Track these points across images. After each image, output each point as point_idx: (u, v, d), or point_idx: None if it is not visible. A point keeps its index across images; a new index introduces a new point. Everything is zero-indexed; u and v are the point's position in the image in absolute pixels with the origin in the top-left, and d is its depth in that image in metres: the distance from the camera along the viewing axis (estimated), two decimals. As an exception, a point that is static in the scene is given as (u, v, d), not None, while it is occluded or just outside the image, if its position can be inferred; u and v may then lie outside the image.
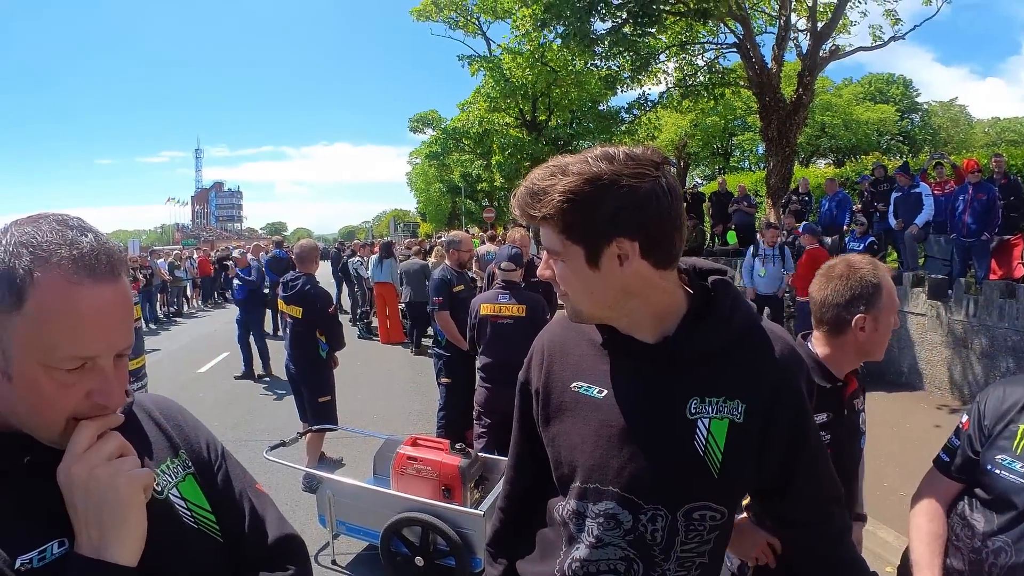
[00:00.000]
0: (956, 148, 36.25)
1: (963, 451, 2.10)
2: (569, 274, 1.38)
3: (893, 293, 2.24)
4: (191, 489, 1.24)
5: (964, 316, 9.34)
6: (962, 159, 12.41)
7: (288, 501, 5.89)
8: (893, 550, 4.64)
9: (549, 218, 1.32)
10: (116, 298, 1.02)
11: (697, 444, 1.37)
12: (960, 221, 10.08)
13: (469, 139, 31.38)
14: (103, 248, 1.01)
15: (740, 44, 14.92)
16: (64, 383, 1.00)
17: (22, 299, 0.95)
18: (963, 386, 9.37)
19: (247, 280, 11.32)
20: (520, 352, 5.71)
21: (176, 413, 1.35)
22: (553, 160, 1.36)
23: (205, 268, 24.89)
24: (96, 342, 1.00)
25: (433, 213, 62.54)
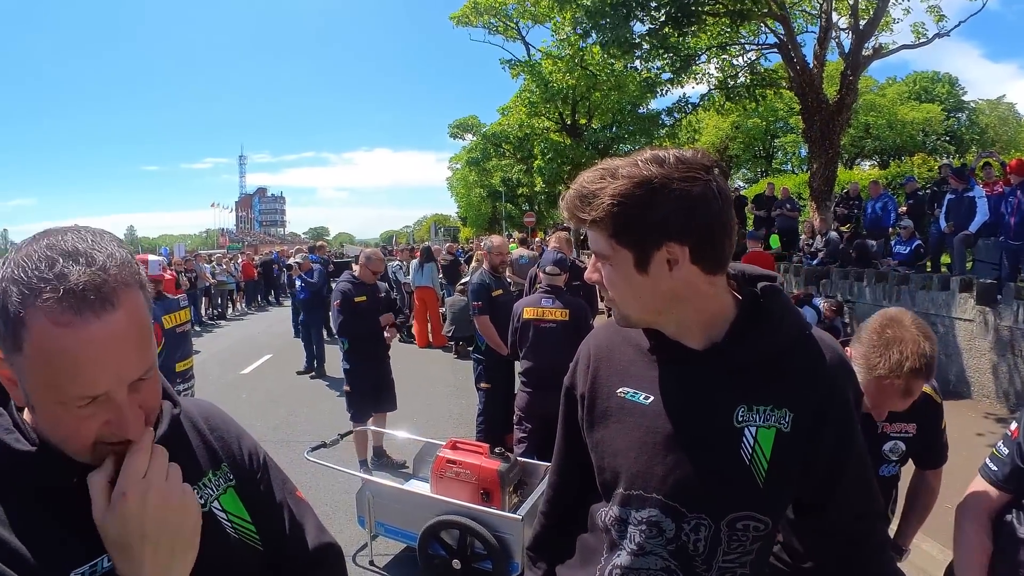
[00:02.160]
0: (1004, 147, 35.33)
1: (1011, 460, 2.00)
2: (617, 278, 1.37)
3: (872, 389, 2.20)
4: (232, 501, 1.25)
5: (1013, 321, 9.09)
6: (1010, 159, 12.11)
7: (328, 502, 5.95)
8: (937, 564, 4.50)
9: (598, 221, 1.31)
10: (114, 330, 0.95)
11: (743, 453, 1.35)
12: (1008, 224, 9.80)
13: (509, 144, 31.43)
14: (93, 279, 0.94)
15: (781, 44, 14.77)
16: (80, 416, 0.97)
17: (20, 342, 0.92)
18: (1012, 394, 9.13)
19: (309, 282, 11.91)
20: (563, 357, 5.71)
21: (220, 423, 1.34)
22: (602, 163, 1.35)
23: (249, 272, 25.26)
24: (99, 380, 0.96)
25: (474, 218, 62.80)
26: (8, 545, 0.95)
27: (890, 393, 2.18)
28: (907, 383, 2.17)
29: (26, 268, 0.93)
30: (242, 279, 25.09)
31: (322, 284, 12.13)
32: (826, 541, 1.50)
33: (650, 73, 17.99)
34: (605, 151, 24.74)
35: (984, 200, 10.68)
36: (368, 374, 6.68)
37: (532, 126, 26.98)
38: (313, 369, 11.89)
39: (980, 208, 10.68)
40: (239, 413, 8.64)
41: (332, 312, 6.79)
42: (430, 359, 13.00)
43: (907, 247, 11.25)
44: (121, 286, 0.97)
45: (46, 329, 0.91)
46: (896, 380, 2.16)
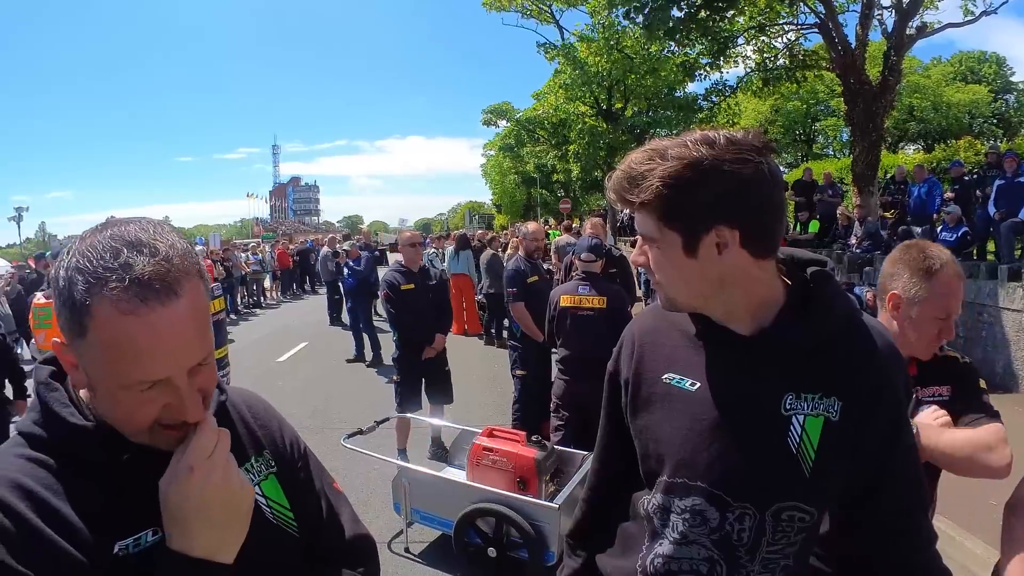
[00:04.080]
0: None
1: None
2: (664, 261, 1.34)
3: (950, 290, 2.11)
4: (272, 488, 1.28)
5: None
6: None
7: (364, 489, 5.97)
8: (982, 563, 4.40)
9: (647, 203, 1.28)
10: (177, 318, 0.99)
11: (791, 441, 1.32)
12: None
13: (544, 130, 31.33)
14: (158, 268, 0.98)
15: (821, 24, 14.45)
16: (141, 400, 1.01)
17: (84, 328, 0.97)
18: None
19: (355, 270, 12.00)
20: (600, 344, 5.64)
21: (262, 411, 1.38)
22: (650, 144, 1.33)
23: (284, 260, 25.52)
24: (161, 366, 1.00)
25: (508, 205, 62.82)
26: (60, 515, 1.00)
27: (955, 289, 2.12)
28: (958, 271, 2.15)
29: (91, 258, 0.97)
30: (277, 268, 25.32)
31: (369, 271, 12.20)
32: (873, 536, 1.43)
33: (688, 57, 17.75)
34: (641, 136, 24.55)
35: None
36: (419, 364, 6.58)
37: (567, 111, 26.71)
38: (363, 358, 11.95)
39: None
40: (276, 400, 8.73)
41: (381, 301, 6.76)
42: (466, 347, 12.96)
43: (953, 234, 10.97)
44: (183, 275, 1.01)
45: (112, 317, 0.95)
46: (952, 268, 2.13)
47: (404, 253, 6.74)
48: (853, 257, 13.11)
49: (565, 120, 27.40)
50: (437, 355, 6.70)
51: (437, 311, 6.84)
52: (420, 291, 6.58)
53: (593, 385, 5.51)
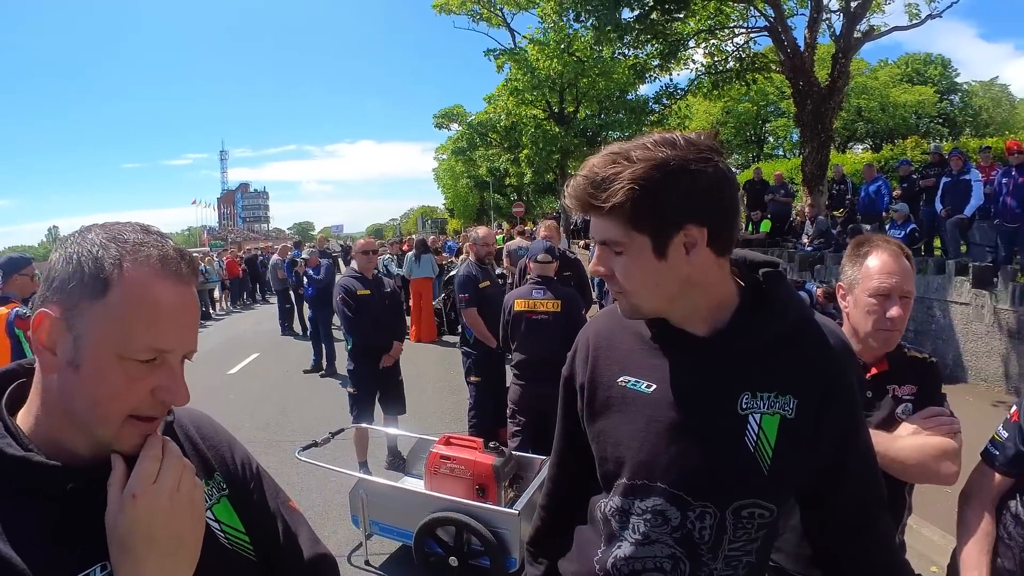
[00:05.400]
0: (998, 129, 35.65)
1: (1013, 444, 1.98)
2: (634, 267, 1.33)
3: (877, 268, 2.13)
4: (225, 511, 1.24)
5: (1010, 304, 9.15)
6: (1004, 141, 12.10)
7: (321, 502, 5.86)
8: (939, 549, 4.57)
9: (616, 208, 1.27)
10: (192, 301, 1.07)
11: (748, 440, 1.34)
12: (1004, 206, 9.81)
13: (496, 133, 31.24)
14: (186, 253, 1.06)
15: (771, 27, 14.66)
16: (134, 375, 1.01)
17: (107, 288, 0.99)
18: (1009, 377, 9.20)
19: (315, 279, 11.69)
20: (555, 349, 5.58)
21: (211, 431, 1.33)
22: (609, 148, 1.33)
23: (233, 269, 25.02)
24: (172, 336, 1.03)
25: (461, 209, 62.81)
26: (1, 557, 0.94)
27: (888, 266, 2.13)
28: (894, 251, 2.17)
29: (121, 232, 1.04)
30: (226, 277, 24.85)
31: (329, 280, 11.82)
32: (833, 531, 1.47)
33: (638, 59, 17.84)
34: (594, 139, 24.65)
35: (980, 184, 10.80)
36: (375, 375, 6.45)
37: (519, 114, 26.64)
38: (320, 368, 11.76)
39: (976, 192, 10.77)
40: (228, 414, 8.49)
41: (336, 307, 6.55)
42: (421, 353, 12.86)
43: (901, 231, 11.19)
44: (197, 270, 1.10)
45: (145, 278, 1.01)
46: (884, 247, 2.17)
47: (358, 260, 6.62)
48: (804, 255, 13.32)
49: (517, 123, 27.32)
50: (393, 365, 6.61)
51: (393, 318, 6.74)
52: (376, 297, 6.48)
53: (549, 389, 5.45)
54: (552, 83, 23.80)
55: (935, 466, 1.98)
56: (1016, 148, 10.01)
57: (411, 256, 14.88)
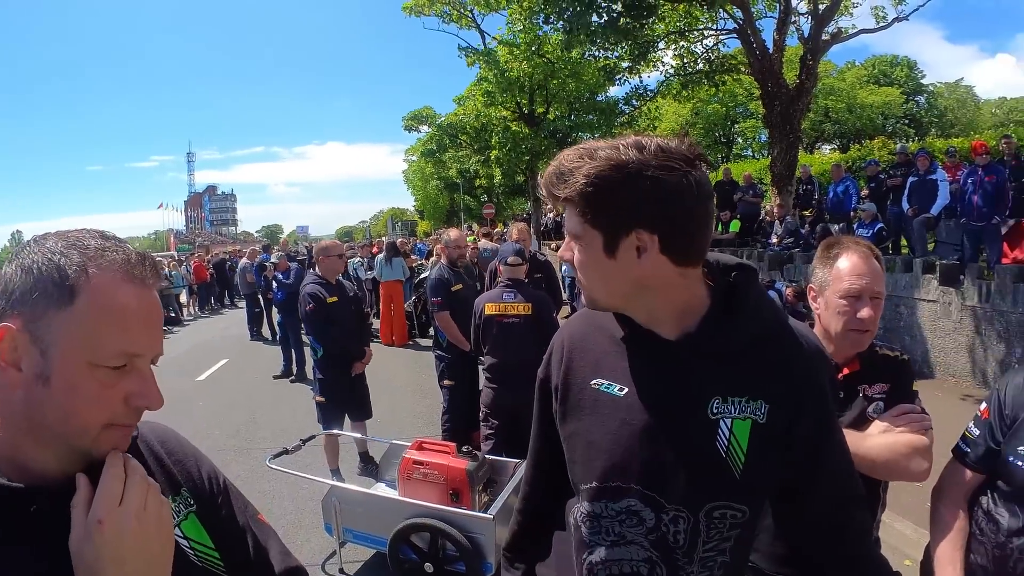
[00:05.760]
0: (963, 130, 36.30)
1: (983, 441, 2.03)
2: (586, 260, 1.36)
3: (847, 270, 2.16)
4: (193, 527, 1.21)
5: (976, 301, 9.29)
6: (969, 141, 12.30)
7: (293, 510, 5.79)
8: (911, 542, 4.64)
9: (571, 199, 1.31)
10: (157, 304, 1.06)
11: (719, 445, 1.34)
12: (970, 205, 9.97)
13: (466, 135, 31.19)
14: (147, 257, 1.05)
15: (740, 29, 14.72)
16: (106, 383, 0.99)
17: (74, 295, 0.96)
18: (976, 373, 9.36)
19: (284, 283, 11.53)
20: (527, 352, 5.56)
21: (176, 445, 1.30)
22: (585, 143, 1.35)
23: (201, 274, 24.68)
24: (143, 340, 1.02)
25: (431, 211, 62.69)
26: None
27: (858, 268, 2.15)
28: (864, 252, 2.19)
29: (81, 239, 1.02)
30: (194, 282, 24.53)
31: (298, 284, 11.68)
32: (809, 532, 1.48)
33: (608, 60, 17.87)
34: (563, 140, 24.63)
35: (946, 184, 10.97)
36: (345, 383, 6.30)
37: (489, 116, 26.52)
38: (291, 373, 11.61)
39: (942, 191, 10.93)
40: (197, 422, 8.35)
41: (303, 316, 6.30)
42: (393, 357, 12.80)
43: (869, 230, 11.32)
44: (160, 274, 1.08)
45: (110, 283, 0.99)
46: (854, 249, 2.19)
47: (325, 263, 6.34)
48: (774, 254, 13.43)
49: (487, 125, 27.26)
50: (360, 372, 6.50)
51: (360, 324, 6.66)
52: (344, 304, 6.32)
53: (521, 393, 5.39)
54: (522, 84, 23.76)
55: (905, 463, 1.99)
56: (982, 149, 10.20)
57: (381, 259, 14.80)
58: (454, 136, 32.69)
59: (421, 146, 44.06)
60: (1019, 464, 1.89)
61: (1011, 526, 1.91)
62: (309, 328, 6.29)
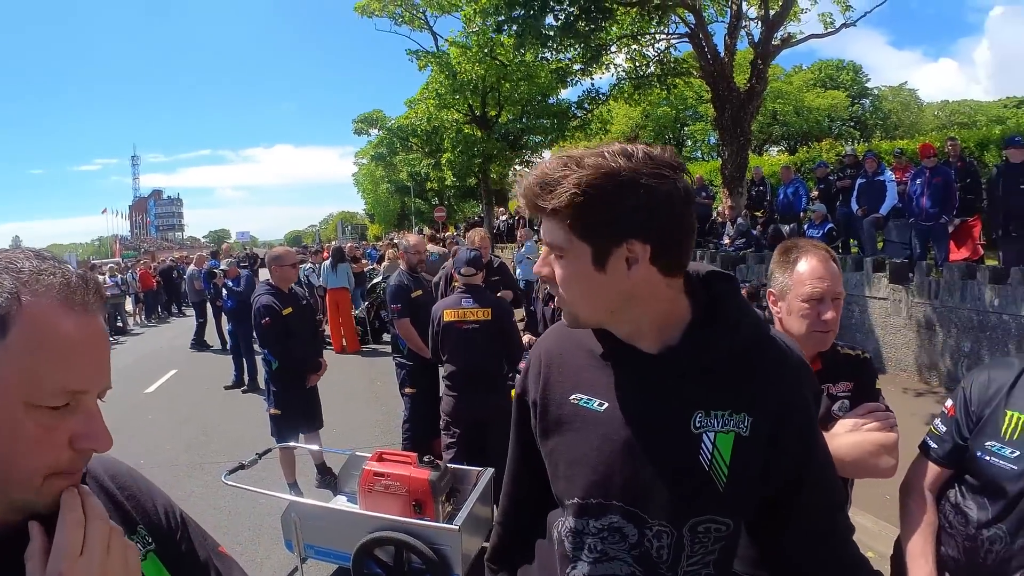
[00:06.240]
0: (907, 132, 37.30)
1: (951, 437, 2.09)
2: (571, 274, 1.30)
3: (808, 273, 2.19)
4: (153, 567, 1.11)
5: (926, 298, 9.51)
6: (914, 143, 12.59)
7: (251, 527, 5.64)
8: (873, 535, 4.66)
9: (558, 211, 1.24)
10: (102, 332, 0.95)
11: (702, 459, 1.32)
12: (918, 205, 10.23)
13: (417, 138, 31.03)
14: (90, 279, 0.93)
15: (692, 34, 14.86)
16: (48, 425, 0.88)
17: (6, 328, 0.85)
18: (927, 368, 9.60)
19: (235, 291, 11.26)
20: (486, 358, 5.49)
21: (129, 480, 1.19)
22: (566, 151, 1.29)
23: (147, 281, 24.07)
24: (86, 375, 0.91)
25: (382, 214, 62.33)
26: None
27: (817, 271, 2.18)
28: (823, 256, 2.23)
29: (13, 261, 0.90)
30: (140, 290, 23.95)
31: (249, 292, 11.37)
32: (795, 541, 1.46)
33: (561, 63, 17.90)
34: (515, 143, 24.68)
35: (894, 184, 11.27)
36: (300, 396, 6.11)
37: (441, 118, 26.41)
38: (242, 383, 11.36)
39: (890, 192, 11.22)
40: (146, 436, 8.10)
41: (257, 329, 6.05)
42: (345, 365, 12.61)
43: (819, 230, 11.53)
44: (103, 298, 0.98)
45: (47, 312, 0.87)
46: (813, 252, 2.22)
47: (279, 273, 6.13)
48: (726, 255, 13.60)
49: (439, 128, 27.13)
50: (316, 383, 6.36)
51: (316, 334, 6.50)
52: (299, 314, 6.11)
53: (482, 400, 5.32)
54: (474, 86, 23.69)
55: (874, 461, 2.02)
56: (930, 151, 10.47)
57: (327, 266, 14.62)
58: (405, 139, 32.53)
59: (371, 149, 43.85)
60: (987, 459, 1.95)
61: (980, 518, 1.96)
62: (263, 341, 6.07)
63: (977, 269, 9.04)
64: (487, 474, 4.61)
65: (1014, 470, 1.88)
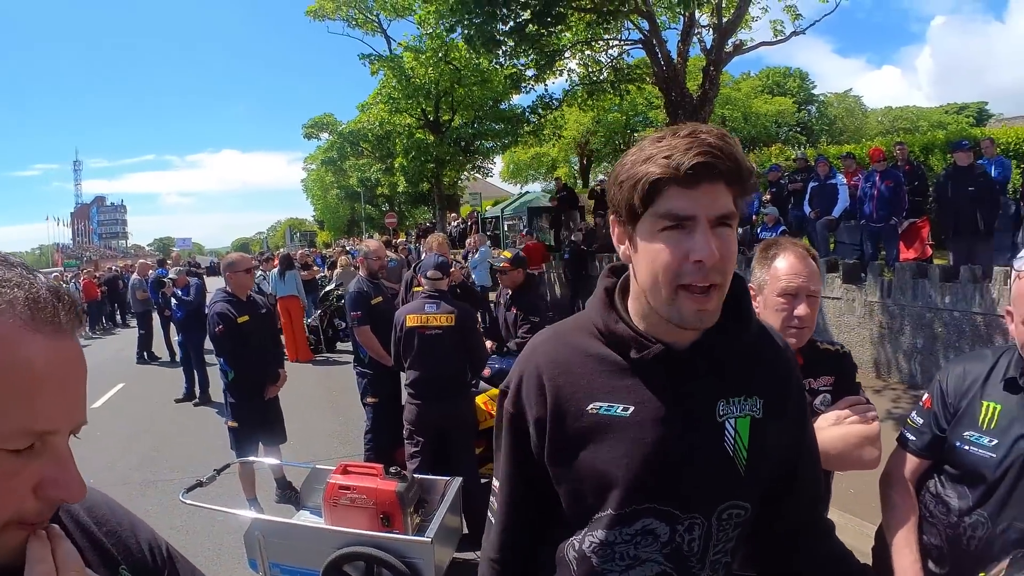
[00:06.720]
0: (852, 137, 38.32)
1: (929, 429, 2.17)
2: (733, 249, 1.30)
3: (784, 269, 2.23)
4: None
5: (879, 297, 9.76)
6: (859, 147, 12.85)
7: (211, 546, 5.47)
8: (839, 528, 4.63)
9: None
10: (77, 357, 0.80)
11: (727, 445, 1.37)
12: (869, 207, 10.47)
13: (368, 143, 30.72)
14: (63, 293, 0.79)
15: (646, 40, 14.94)
16: (7, 471, 0.74)
17: None
18: (882, 365, 9.88)
19: (184, 300, 10.99)
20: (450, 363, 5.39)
21: (108, 513, 1.05)
22: (679, 127, 1.26)
23: (91, 292, 23.34)
24: (55, 411, 0.77)
25: (331, 220, 61.64)
26: None
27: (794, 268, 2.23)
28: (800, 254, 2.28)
29: None
30: (84, 300, 23.20)
31: (200, 301, 11.09)
32: (789, 527, 1.51)
33: (515, 69, 17.86)
34: (468, 148, 24.55)
35: (845, 187, 11.55)
36: (258, 406, 5.94)
37: (393, 123, 26.15)
38: (193, 396, 11.07)
39: (842, 195, 11.49)
40: (95, 454, 7.84)
41: (212, 338, 5.91)
42: (299, 375, 12.22)
43: (772, 233, 11.64)
44: (81, 314, 0.82)
45: (8, 334, 0.73)
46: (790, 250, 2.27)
47: (234, 279, 5.95)
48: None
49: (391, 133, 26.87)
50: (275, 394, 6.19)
51: (273, 343, 6.35)
52: (255, 322, 5.93)
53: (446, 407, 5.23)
54: (427, 91, 23.50)
55: (858, 453, 2.05)
56: (880, 155, 10.79)
57: (275, 274, 14.41)
58: (355, 144, 32.16)
59: (321, 154, 43.41)
60: (966, 448, 2.03)
61: (961, 506, 2.05)
62: (218, 350, 5.92)
63: (928, 268, 9.31)
64: (455, 483, 4.55)
65: (993, 457, 1.96)
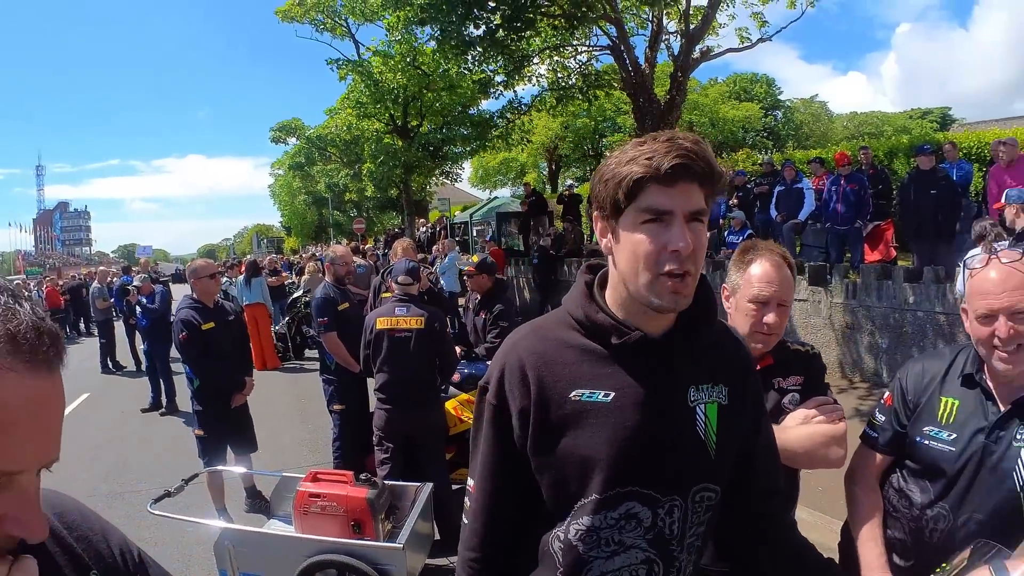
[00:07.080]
0: (818, 142, 38.84)
1: (890, 426, 2.23)
2: (704, 241, 1.41)
3: (758, 276, 2.25)
4: None
5: (844, 299, 9.90)
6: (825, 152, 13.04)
7: (180, 557, 5.37)
8: (808, 525, 4.77)
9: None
10: (56, 394, 0.77)
11: (699, 429, 1.45)
12: (834, 210, 10.61)
13: (336, 147, 30.52)
14: (47, 326, 0.76)
15: (614, 46, 14.98)
16: None
17: None
18: (848, 365, 10.01)
19: (148, 308, 10.86)
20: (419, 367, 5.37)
21: (79, 518, 1.04)
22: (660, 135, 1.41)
23: (54, 299, 22.98)
24: (24, 452, 0.73)
25: (299, 226, 61.08)
26: None
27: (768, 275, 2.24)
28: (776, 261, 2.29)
29: None
30: (46, 308, 22.75)
31: (165, 309, 11.01)
32: (745, 521, 1.60)
33: (483, 74, 17.85)
34: (436, 153, 24.48)
35: (811, 191, 11.73)
36: (226, 414, 5.86)
37: (361, 128, 25.97)
38: (161, 406, 10.92)
39: (808, 199, 11.69)
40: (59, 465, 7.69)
41: (177, 345, 5.83)
42: (266, 382, 12.05)
43: (739, 236, 11.80)
44: (63, 349, 0.79)
45: None
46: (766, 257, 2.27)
47: (199, 286, 5.86)
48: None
49: (359, 138, 26.71)
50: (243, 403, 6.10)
51: (241, 351, 6.26)
52: (222, 329, 5.85)
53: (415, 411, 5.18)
54: (396, 96, 23.40)
55: (824, 451, 2.11)
56: (845, 159, 10.98)
57: (241, 281, 14.28)
58: (323, 149, 31.95)
59: (289, 159, 43.08)
60: (926, 443, 2.09)
61: (923, 500, 2.10)
62: (184, 358, 5.86)
63: (892, 269, 9.45)
64: (426, 489, 4.54)
65: (952, 451, 2.02)
